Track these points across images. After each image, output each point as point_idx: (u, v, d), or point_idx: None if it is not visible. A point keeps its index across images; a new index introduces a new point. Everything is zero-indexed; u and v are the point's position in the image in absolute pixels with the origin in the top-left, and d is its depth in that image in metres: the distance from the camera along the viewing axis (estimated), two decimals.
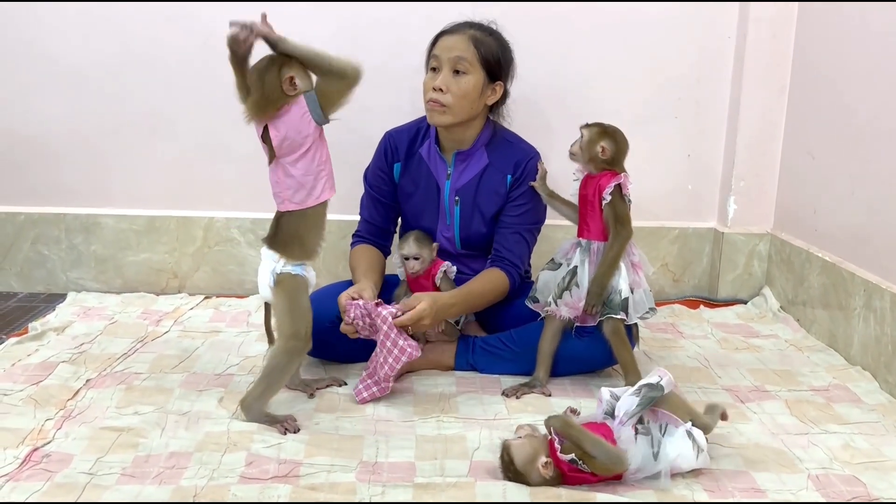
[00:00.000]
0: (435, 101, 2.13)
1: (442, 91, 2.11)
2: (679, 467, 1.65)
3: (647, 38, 2.82)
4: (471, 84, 2.13)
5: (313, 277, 1.89)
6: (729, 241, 2.89)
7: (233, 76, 1.78)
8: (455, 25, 2.18)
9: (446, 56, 2.12)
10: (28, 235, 2.87)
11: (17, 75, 2.78)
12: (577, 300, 2.03)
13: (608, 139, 2.02)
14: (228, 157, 2.80)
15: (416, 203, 2.28)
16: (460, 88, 2.12)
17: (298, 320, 1.85)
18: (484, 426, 1.88)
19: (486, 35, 2.16)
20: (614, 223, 2.00)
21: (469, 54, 2.12)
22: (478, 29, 2.17)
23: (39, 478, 1.61)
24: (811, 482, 1.67)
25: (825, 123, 2.57)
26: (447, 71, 2.12)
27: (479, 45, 2.13)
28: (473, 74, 2.13)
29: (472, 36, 2.14)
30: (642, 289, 2.06)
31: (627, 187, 2.02)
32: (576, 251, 2.06)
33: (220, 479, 1.62)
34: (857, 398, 2.10)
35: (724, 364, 2.32)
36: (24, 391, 1.98)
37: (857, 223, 2.39)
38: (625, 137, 2.06)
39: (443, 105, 2.13)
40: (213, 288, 2.91)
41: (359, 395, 2.00)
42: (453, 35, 2.15)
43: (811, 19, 2.67)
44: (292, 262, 1.84)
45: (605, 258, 2.02)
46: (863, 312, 2.29)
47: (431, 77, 2.15)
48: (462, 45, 2.12)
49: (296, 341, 1.85)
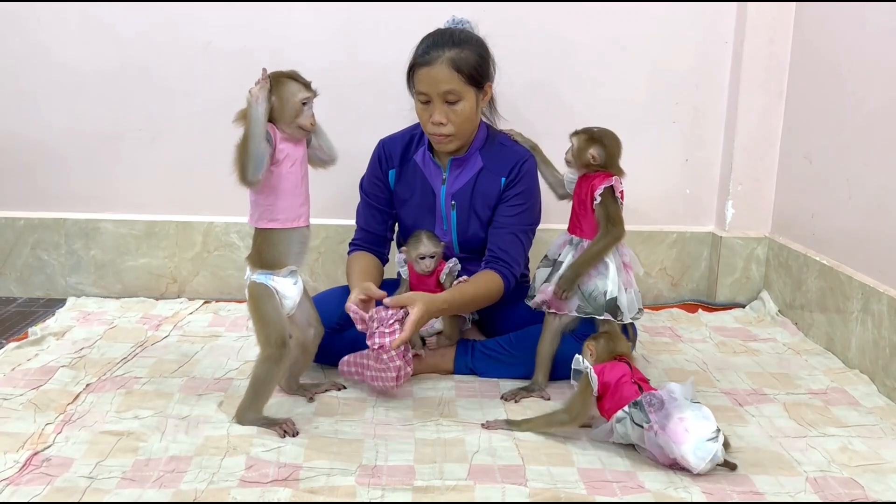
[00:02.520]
0: (439, 134, 2.13)
1: (443, 124, 2.11)
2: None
3: (644, 44, 2.83)
4: (467, 107, 2.11)
5: (287, 289, 1.89)
6: (727, 245, 2.89)
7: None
8: (428, 53, 2.07)
9: (434, 91, 2.08)
10: (28, 240, 2.87)
11: (18, 80, 2.79)
12: (551, 294, 2.04)
13: (596, 146, 2.03)
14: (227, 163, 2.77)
15: (412, 209, 2.28)
16: (459, 116, 2.11)
17: (266, 328, 1.86)
18: (483, 430, 1.88)
19: (461, 49, 2.08)
20: (605, 222, 2.01)
21: (455, 83, 2.07)
22: (450, 46, 2.07)
23: (39, 482, 1.61)
24: (809, 485, 1.68)
25: (823, 128, 2.58)
26: (439, 103, 2.09)
27: (459, 67, 2.06)
28: (466, 97, 2.10)
29: (450, 60, 2.06)
30: (633, 289, 2.06)
31: (619, 188, 2.02)
32: (566, 248, 2.08)
33: (219, 483, 1.62)
34: (854, 401, 2.10)
35: (723, 367, 2.32)
36: (24, 396, 1.99)
37: (855, 227, 2.40)
38: (615, 140, 2.06)
39: (448, 136, 2.13)
40: (212, 292, 2.91)
41: (342, 364, 2.06)
42: (432, 67, 2.06)
43: (808, 24, 2.68)
44: (255, 270, 1.88)
45: (590, 249, 2.02)
46: (860, 316, 2.30)
47: (424, 109, 2.12)
48: (444, 76, 2.06)
49: (269, 349, 1.86)
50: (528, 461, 1.74)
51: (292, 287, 1.90)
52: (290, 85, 1.82)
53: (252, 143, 1.76)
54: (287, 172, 1.84)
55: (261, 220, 1.87)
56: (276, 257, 1.88)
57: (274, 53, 2.69)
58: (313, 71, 1.89)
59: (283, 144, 1.83)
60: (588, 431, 1.84)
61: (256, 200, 1.86)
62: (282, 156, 1.83)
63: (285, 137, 1.84)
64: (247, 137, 1.76)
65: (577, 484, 1.66)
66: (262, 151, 1.77)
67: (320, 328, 2.03)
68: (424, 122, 2.15)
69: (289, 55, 2.64)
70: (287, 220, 1.86)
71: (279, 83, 1.81)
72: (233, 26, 2.75)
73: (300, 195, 1.88)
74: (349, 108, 2.71)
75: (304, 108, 1.83)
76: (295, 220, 1.88)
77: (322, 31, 2.76)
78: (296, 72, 1.86)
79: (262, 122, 1.77)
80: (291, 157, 1.84)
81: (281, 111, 1.81)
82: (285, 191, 1.85)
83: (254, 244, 1.90)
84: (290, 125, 1.83)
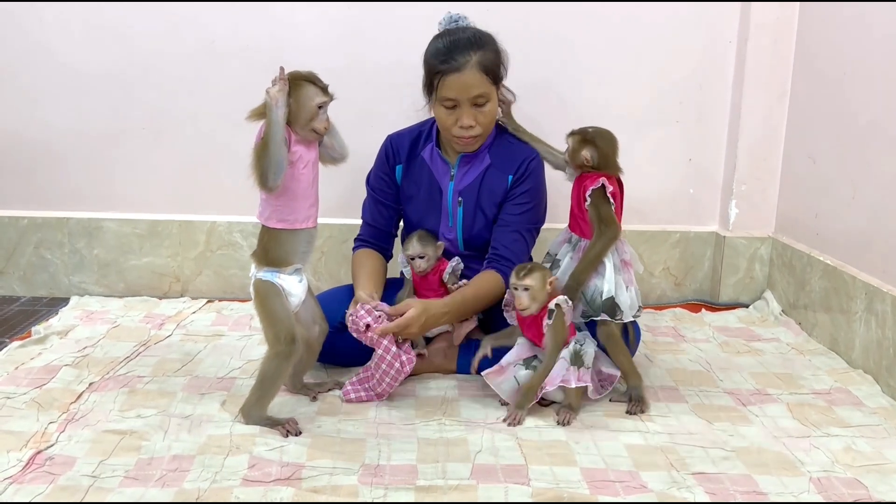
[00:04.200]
0: (467, 136, 2.13)
1: (473, 126, 2.11)
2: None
3: (648, 43, 2.82)
4: (492, 107, 2.14)
5: (293, 286, 1.89)
6: (730, 245, 2.89)
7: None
8: (454, 59, 2.06)
9: (465, 96, 2.07)
10: (31, 239, 2.87)
11: (21, 79, 2.79)
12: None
13: (589, 147, 2.02)
14: (230, 162, 2.81)
15: (419, 205, 2.28)
16: (486, 116, 2.12)
17: (274, 325, 1.86)
18: (486, 429, 1.89)
19: (484, 51, 2.09)
20: (598, 223, 2.01)
21: (485, 86, 2.08)
22: (475, 49, 2.07)
23: (42, 480, 1.61)
24: (813, 485, 1.67)
25: (826, 128, 2.57)
26: (468, 107, 2.09)
27: (486, 69, 2.07)
28: (492, 98, 2.12)
29: (479, 64, 2.06)
30: (633, 287, 2.06)
31: (610, 188, 2.01)
32: (565, 246, 2.08)
33: (222, 482, 1.63)
34: (858, 401, 2.10)
35: (726, 368, 2.32)
36: (27, 394, 1.99)
37: (859, 227, 2.39)
38: (609, 140, 2.05)
39: (475, 137, 2.14)
40: (215, 292, 2.92)
41: (346, 394, 2.04)
42: (462, 73, 2.05)
43: (812, 24, 2.67)
44: (261, 268, 1.88)
45: (587, 255, 2.02)
46: (864, 316, 2.29)
47: (449, 114, 2.11)
48: (475, 80, 2.06)
49: (278, 346, 1.85)
50: (530, 461, 1.74)
51: (297, 285, 1.90)
52: (307, 88, 1.80)
53: (272, 147, 1.73)
54: (300, 174, 1.83)
55: (270, 220, 1.86)
56: (282, 256, 1.88)
57: (277, 52, 2.69)
58: (317, 69, 1.88)
59: (296, 146, 1.82)
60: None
61: (268, 199, 1.85)
62: (295, 157, 1.82)
63: (299, 140, 1.82)
64: (266, 142, 1.74)
65: (580, 484, 1.66)
66: (283, 156, 1.76)
67: (325, 326, 2.03)
68: (449, 125, 2.13)
69: (291, 54, 2.63)
70: (296, 221, 1.86)
71: (296, 86, 1.78)
72: (236, 25, 2.75)
73: (310, 197, 1.88)
74: (353, 107, 2.69)
75: (320, 113, 1.82)
76: (304, 221, 1.87)
77: (325, 29, 2.76)
78: (314, 74, 1.84)
79: (282, 125, 1.75)
80: (304, 158, 1.84)
81: (296, 114, 1.79)
82: (297, 192, 1.84)
83: (260, 242, 1.90)
84: (304, 128, 1.82)
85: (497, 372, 2.00)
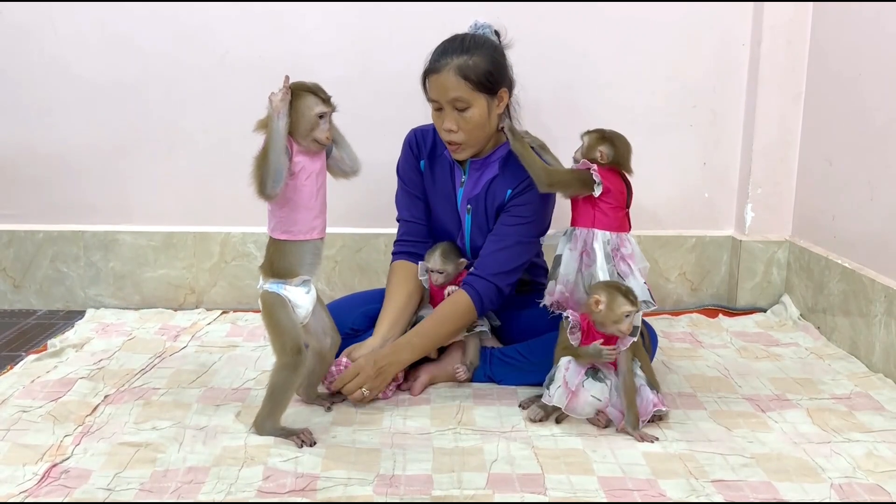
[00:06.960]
0: (450, 141, 2.12)
1: (454, 131, 2.10)
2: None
3: (661, 47, 2.81)
4: (476, 114, 2.08)
5: (299, 298, 1.89)
6: (747, 249, 2.87)
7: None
8: (437, 61, 2.07)
9: (443, 98, 2.07)
10: (47, 253, 2.89)
11: (36, 92, 2.81)
12: (559, 294, 2.02)
13: (606, 144, 2.02)
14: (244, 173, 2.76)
15: (437, 205, 2.27)
16: (469, 122, 2.09)
17: (280, 336, 1.86)
18: (501, 438, 1.87)
19: (470, 56, 2.05)
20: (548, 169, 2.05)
21: (462, 90, 2.05)
22: (459, 53, 2.05)
23: (58, 493, 1.61)
24: (834, 492, 1.65)
25: (842, 129, 2.55)
26: (450, 110, 2.08)
27: (466, 74, 2.04)
28: (475, 104, 2.07)
29: (457, 67, 2.04)
30: (635, 280, 2.00)
31: (597, 179, 1.99)
32: (562, 239, 2.07)
33: (237, 494, 1.62)
34: (879, 406, 2.07)
35: (745, 373, 2.30)
36: (42, 408, 2.00)
37: (877, 229, 2.37)
38: (625, 141, 2.04)
39: (458, 143, 2.12)
40: (229, 303, 2.92)
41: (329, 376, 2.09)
42: (439, 74, 2.05)
43: (826, 25, 2.65)
44: (267, 279, 1.88)
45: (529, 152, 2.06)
46: (884, 319, 2.26)
47: (437, 116, 2.12)
48: (451, 83, 2.05)
49: (285, 357, 1.85)
50: (547, 470, 1.72)
51: (304, 296, 1.89)
52: (307, 98, 1.80)
53: (272, 156, 1.75)
54: (302, 185, 1.83)
55: (275, 230, 1.87)
56: (287, 267, 1.88)
57: (290, 63, 2.68)
58: (329, 80, 1.89)
59: (299, 157, 1.82)
60: None
61: (272, 211, 1.86)
62: (297, 168, 1.82)
63: (301, 150, 1.83)
64: (266, 150, 1.75)
65: (598, 493, 1.64)
66: (282, 165, 1.77)
67: (337, 337, 2.02)
68: (438, 128, 2.14)
69: (305, 64, 2.64)
70: (300, 233, 1.86)
71: (297, 96, 1.79)
72: (249, 37, 2.76)
73: (314, 208, 1.87)
74: (364, 117, 2.70)
75: (321, 123, 1.82)
76: (308, 232, 1.87)
77: (338, 40, 2.77)
78: (317, 85, 1.84)
79: (283, 135, 1.76)
80: (307, 169, 1.84)
81: (297, 124, 1.80)
82: (300, 203, 1.84)
83: (266, 253, 1.91)
84: (305, 138, 1.82)
85: (571, 397, 1.93)
